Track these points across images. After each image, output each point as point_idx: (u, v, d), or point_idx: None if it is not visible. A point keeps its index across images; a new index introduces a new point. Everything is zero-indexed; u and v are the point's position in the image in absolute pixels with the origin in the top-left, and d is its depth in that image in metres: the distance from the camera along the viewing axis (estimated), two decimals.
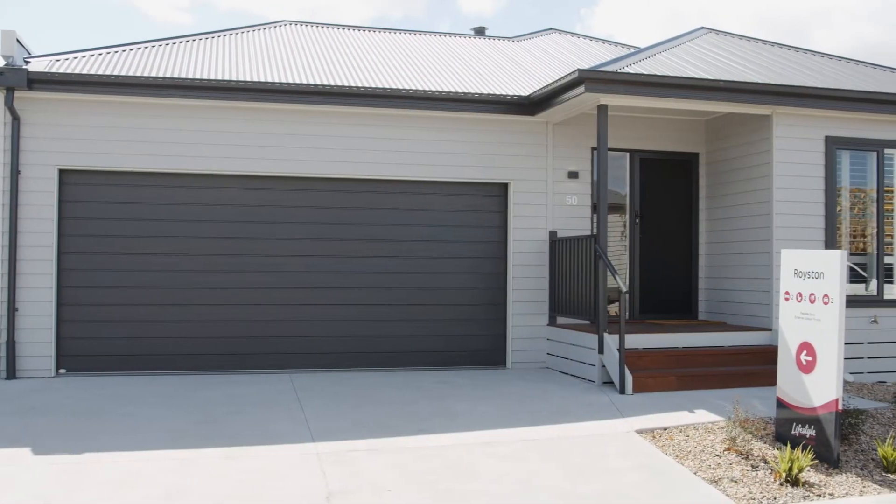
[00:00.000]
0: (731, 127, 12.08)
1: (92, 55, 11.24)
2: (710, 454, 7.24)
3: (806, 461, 6.63)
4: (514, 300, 11.68)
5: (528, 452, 7.24)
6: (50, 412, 8.35)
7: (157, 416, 8.23)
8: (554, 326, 11.53)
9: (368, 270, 11.36)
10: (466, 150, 11.58)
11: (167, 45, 12.19)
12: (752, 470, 6.87)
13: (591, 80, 10.11)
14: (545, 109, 11.27)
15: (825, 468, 6.95)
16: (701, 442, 7.56)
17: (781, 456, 6.70)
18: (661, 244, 12.60)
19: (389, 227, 11.45)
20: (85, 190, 10.61)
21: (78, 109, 10.49)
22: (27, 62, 10.50)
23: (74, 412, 8.36)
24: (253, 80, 10.75)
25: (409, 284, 11.49)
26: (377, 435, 7.64)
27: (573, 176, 11.90)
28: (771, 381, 9.21)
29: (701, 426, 8.01)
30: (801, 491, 6.45)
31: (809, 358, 7.26)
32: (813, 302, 7.27)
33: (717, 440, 7.57)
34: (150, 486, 6.15)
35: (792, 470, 6.55)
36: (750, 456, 7.17)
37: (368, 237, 11.38)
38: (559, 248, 11.43)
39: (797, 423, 7.34)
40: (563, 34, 16.77)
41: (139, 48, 11.79)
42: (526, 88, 11.93)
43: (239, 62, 11.68)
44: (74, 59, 10.97)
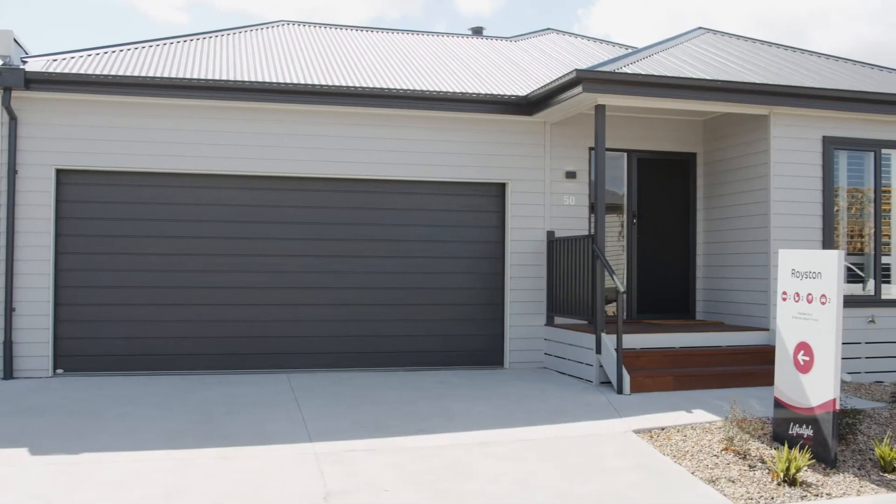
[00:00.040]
0: (728, 127, 12.09)
1: (89, 55, 11.23)
2: (707, 454, 7.25)
3: (803, 461, 6.63)
4: (511, 300, 11.69)
5: (525, 452, 7.24)
6: (47, 412, 8.34)
7: (155, 416, 8.23)
8: (551, 326, 11.53)
9: (366, 270, 11.36)
10: (464, 150, 11.58)
11: (165, 44, 12.18)
12: (749, 470, 6.88)
13: (588, 80, 10.12)
14: (543, 109, 11.27)
15: (823, 468, 6.96)
16: (698, 442, 7.56)
17: (779, 456, 6.71)
18: (658, 244, 12.61)
19: (387, 227, 11.46)
20: (82, 190, 10.60)
21: (75, 109, 10.48)
22: (24, 62, 10.49)
23: (72, 412, 8.35)
24: (251, 80, 10.75)
25: (406, 284, 11.49)
26: (375, 435, 7.64)
27: (571, 176, 11.90)
28: (768, 381, 9.23)
29: (698, 426, 8.02)
30: (798, 491, 6.45)
31: (807, 358, 7.27)
32: (810, 302, 7.28)
33: (714, 440, 7.58)
34: (148, 485, 6.15)
35: (789, 470, 6.56)
36: (747, 456, 7.18)
37: (366, 237, 11.38)
38: (557, 248, 11.43)
39: (795, 422, 7.35)
40: (560, 34, 16.78)
41: (137, 48, 11.78)
42: (524, 88, 11.93)
43: (237, 62, 11.68)
44: (72, 58, 10.96)
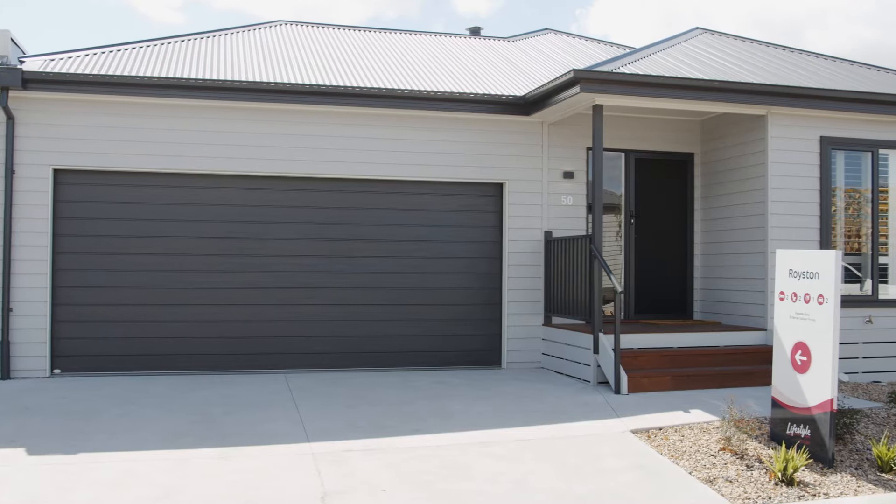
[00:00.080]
0: (726, 127, 12.09)
1: (87, 55, 11.22)
2: (705, 454, 7.25)
3: (801, 461, 6.64)
4: (509, 300, 11.69)
5: (523, 452, 7.24)
6: (44, 412, 8.33)
7: (152, 416, 8.22)
8: (549, 326, 11.53)
9: (364, 270, 11.36)
10: (462, 150, 11.58)
11: (162, 44, 12.17)
12: (747, 470, 6.88)
13: (586, 80, 10.12)
14: (540, 109, 11.27)
15: (820, 468, 6.97)
16: (696, 442, 7.56)
17: (776, 456, 6.71)
18: (656, 244, 12.61)
19: (385, 227, 11.45)
20: (80, 190, 10.59)
21: (73, 109, 10.47)
22: (22, 62, 10.48)
23: (69, 412, 8.34)
24: (249, 79, 10.74)
25: (404, 284, 11.48)
26: (373, 435, 7.63)
27: (568, 176, 11.90)
28: (766, 380, 9.25)
29: (696, 426, 8.02)
30: (796, 490, 6.45)
31: (804, 358, 7.27)
32: (808, 302, 7.28)
33: (712, 440, 7.58)
34: (145, 485, 6.14)
35: (787, 470, 6.56)
36: (745, 456, 7.18)
37: (364, 237, 11.37)
38: (554, 248, 11.43)
39: (792, 422, 7.35)
40: (558, 34, 16.78)
41: (134, 48, 11.77)
42: (521, 88, 11.94)
43: (234, 62, 11.67)
44: (69, 58, 10.95)
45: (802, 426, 7.24)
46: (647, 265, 12.54)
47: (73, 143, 10.45)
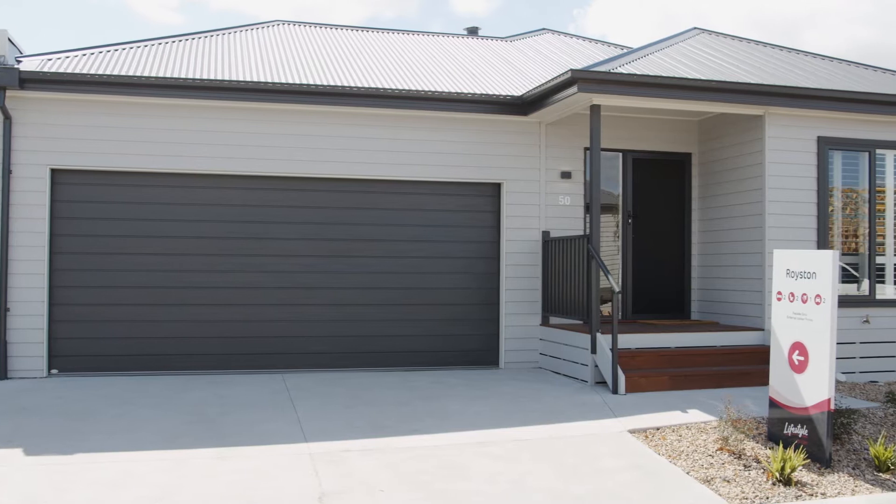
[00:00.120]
0: (723, 127, 12.10)
1: (84, 55, 11.20)
2: (702, 454, 7.25)
3: (798, 461, 6.64)
4: (507, 300, 11.69)
5: (520, 452, 7.24)
6: (42, 412, 8.32)
7: (149, 416, 8.21)
8: (547, 326, 11.53)
9: (363, 270, 11.35)
10: (460, 150, 11.58)
11: (160, 44, 12.16)
12: (744, 469, 6.89)
13: (583, 80, 10.13)
14: (538, 109, 11.28)
15: (817, 468, 6.97)
16: (693, 442, 7.57)
17: (774, 455, 6.71)
18: (653, 244, 12.62)
19: (383, 226, 11.45)
20: (77, 190, 10.58)
21: (70, 109, 10.46)
22: (19, 61, 10.46)
23: (66, 412, 8.33)
24: (247, 79, 10.73)
25: (402, 284, 11.48)
26: (370, 435, 7.63)
27: (566, 176, 11.91)
28: (763, 380, 9.25)
29: (693, 426, 8.02)
30: (793, 490, 6.46)
31: (802, 358, 7.27)
32: (805, 302, 7.29)
33: (709, 440, 7.59)
34: (142, 486, 6.14)
35: (784, 469, 6.57)
36: (742, 456, 7.18)
37: (362, 237, 11.37)
38: (552, 248, 11.43)
39: (789, 422, 7.36)
40: (556, 34, 16.79)
41: (131, 48, 11.76)
42: (519, 88, 11.94)
43: (232, 62, 11.66)
44: (66, 58, 10.94)
45: (800, 426, 7.25)
46: (644, 265, 12.55)
47: (70, 142, 10.44)
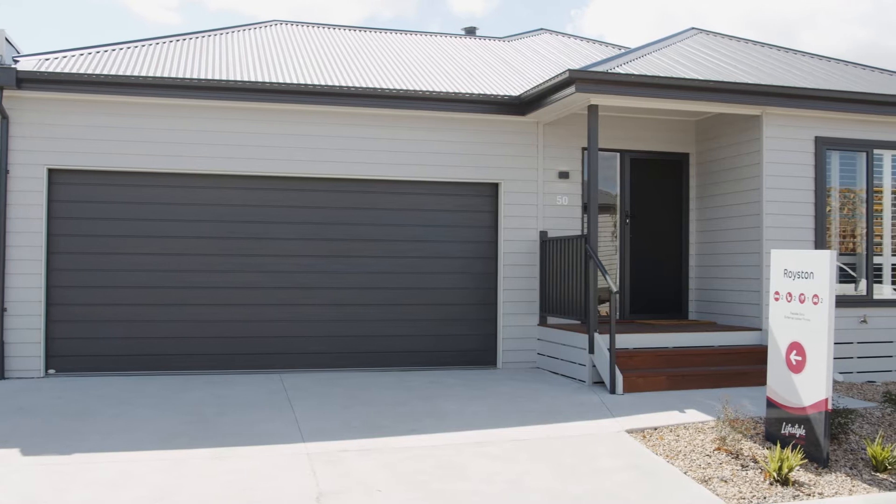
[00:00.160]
0: (721, 127, 12.11)
1: (81, 54, 11.19)
2: (700, 454, 7.25)
3: (796, 461, 6.65)
4: (504, 300, 11.69)
5: (518, 452, 7.24)
6: (39, 413, 8.31)
7: (147, 416, 8.20)
8: (544, 326, 11.54)
9: (361, 270, 11.35)
10: (457, 150, 11.58)
11: (157, 44, 12.15)
12: (742, 469, 6.89)
13: (581, 80, 10.13)
14: (536, 109, 11.28)
15: (815, 468, 6.98)
16: (691, 442, 7.57)
17: (771, 455, 6.72)
18: (651, 244, 12.63)
19: (381, 227, 11.45)
20: (75, 190, 10.57)
21: (67, 109, 10.44)
22: (16, 61, 10.45)
23: (64, 413, 8.32)
24: (244, 79, 10.72)
25: (400, 284, 11.48)
26: (368, 435, 7.63)
27: (564, 176, 11.91)
28: (761, 380, 9.25)
29: (691, 426, 8.03)
30: (790, 490, 6.47)
31: (799, 358, 7.28)
32: (802, 302, 7.29)
33: (707, 440, 7.59)
34: (140, 486, 6.13)
35: (782, 469, 6.57)
36: (740, 455, 7.19)
37: (361, 237, 11.37)
38: (550, 248, 11.43)
39: (787, 422, 7.36)
40: (553, 34, 16.79)
41: (129, 47, 11.75)
42: (517, 88, 11.94)
43: (231, 62, 11.65)
44: (64, 58, 10.92)
45: (797, 426, 7.26)
46: (642, 265, 12.55)
47: (68, 142, 10.42)
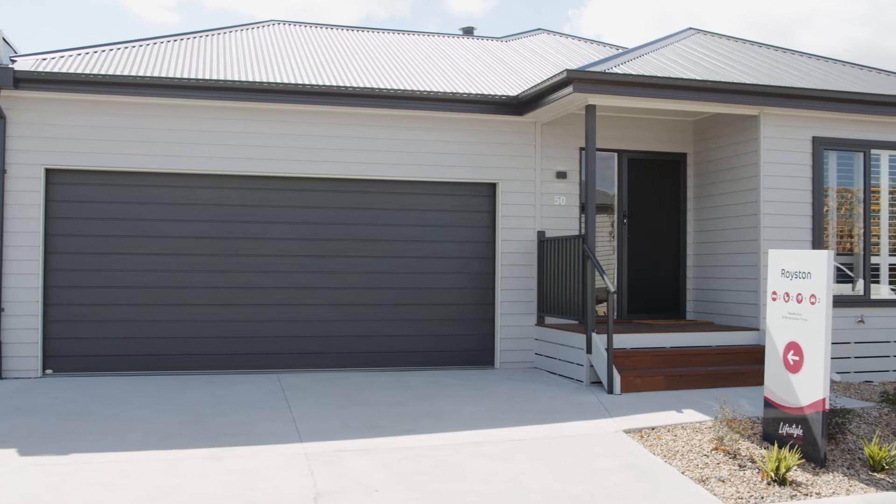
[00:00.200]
0: (718, 127, 12.12)
1: (79, 54, 11.18)
2: (697, 454, 7.26)
3: (793, 460, 6.65)
4: (502, 300, 11.69)
5: (516, 452, 7.24)
6: (36, 413, 8.30)
7: (144, 416, 8.20)
8: (542, 326, 11.54)
9: (359, 270, 11.34)
10: (455, 150, 11.58)
11: (155, 44, 12.14)
12: (739, 469, 6.90)
13: (579, 80, 10.13)
14: (533, 109, 11.28)
15: (812, 467, 6.99)
16: (689, 442, 7.58)
17: (769, 455, 6.72)
18: (649, 244, 12.63)
19: (380, 226, 11.44)
20: (72, 189, 10.55)
21: (65, 109, 10.43)
22: (13, 61, 10.43)
23: (61, 413, 8.31)
24: (243, 79, 10.71)
25: (398, 284, 11.48)
26: (366, 435, 7.63)
27: (561, 176, 11.91)
28: (758, 380, 9.25)
29: (689, 426, 8.03)
30: (788, 490, 6.47)
31: (796, 358, 7.29)
32: (800, 302, 7.30)
33: (704, 440, 7.60)
34: (137, 486, 6.13)
35: (779, 469, 6.58)
36: (737, 455, 7.19)
37: (359, 237, 11.36)
38: (547, 248, 11.44)
39: (784, 422, 7.37)
40: (551, 34, 16.79)
41: (127, 47, 11.74)
42: (514, 88, 11.94)
43: (228, 62, 11.64)
44: (61, 58, 10.91)
45: (795, 426, 7.26)
46: (640, 265, 12.56)
47: (65, 142, 10.41)
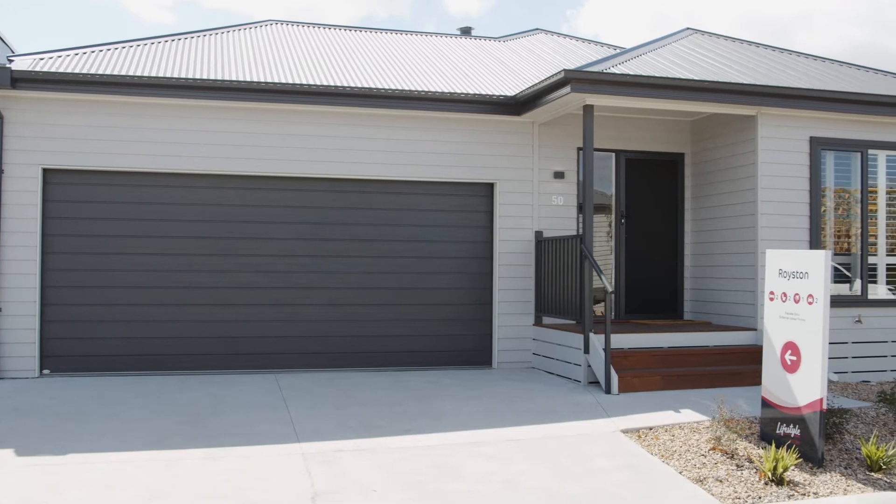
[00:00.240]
0: (716, 127, 12.12)
1: (76, 54, 11.16)
2: (695, 454, 7.26)
3: (790, 460, 6.66)
4: (500, 300, 11.69)
5: (514, 452, 7.24)
6: (34, 413, 8.29)
7: (141, 416, 8.19)
8: (540, 326, 11.54)
9: (356, 270, 11.34)
10: (453, 150, 11.58)
11: (153, 44, 12.12)
12: (737, 469, 6.90)
13: (576, 80, 10.13)
14: (531, 109, 11.28)
15: (810, 467, 6.99)
16: (686, 441, 7.58)
17: (766, 455, 6.73)
18: (646, 244, 12.63)
19: (377, 226, 11.43)
20: (70, 189, 10.54)
21: (62, 108, 10.42)
22: (11, 60, 10.42)
23: (58, 413, 8.30)
24: (241, 79, 10.70)
25: (396, 284, 11.47)
26: (363, 435, 7.62)
27: (559, 176, 11.91)
28: (756, 380, 9.27)
29: (686, 426, 8.03)
30: (785, 490, 6.48)
31: (794, 357, 7.29)
32: (797, 302, 7.31)
33: (702, 440, 7.60)
34: (134, 486, 6.12)
35: (777, 469, 6.59)
36: (735, 455, 7.20)
37: (357, 237, 11.35)
38: (545, 248, 11.44)
39: (782, 422, 7.37)
40: (549, 34, 16.80)
41: (124, 47, 11.72)
42: (512, 88, 11.94)
43: (227, 62, 11.63)
44: (59, 57, 10.89)
45: (792, 426, 7.27)
46: (637, 265, 12.56)
47: (63, 142, 10.40)
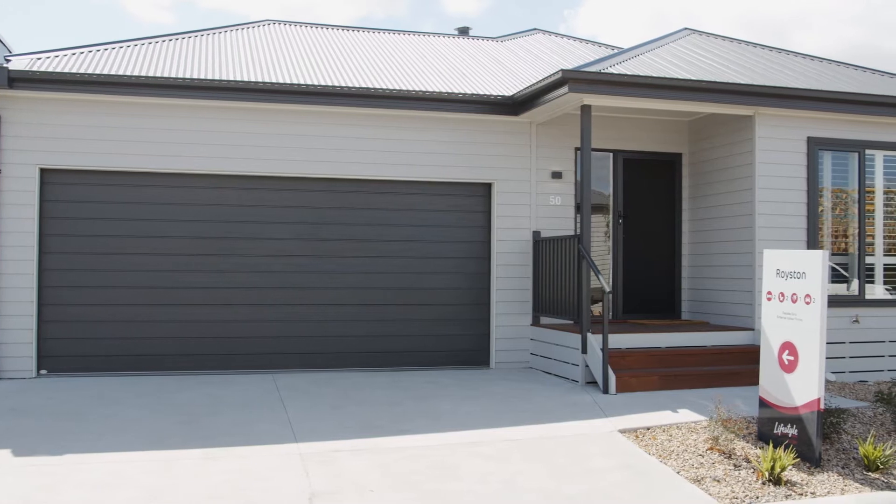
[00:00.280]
0: (713, 127, 12.13)
1: (74, 54, 11.15)
2: (692, 454, 7.27)
3: (788, 460, 6.66)
4: (497, 300, 11.69)
5: (512, 452, 7.24)
6: (31, 413, 8.28)
7: (139, 416, 8.18)
8: (537, 326, 11.54)
9: (355, 270, 11.33)
10: (451, 150, 11.58)
11: (151, 43, 12.11)
12: (734, 469, 6.90)
13: (574, 80, 10.13)
14: (529, 109, 11.28)
15: (807, 467, 6.99)
16: (684, 441, 7.58)
17: (764, 455, 6.73)
18: (644, 244, 12.64)
19: (375, 227, 11.43)
20: (67, 189, 10.53)
21: (60, 108, 10.41)
22: (8, 60, 10.40)
23: (56, 413, 8.29)
24: (239, 79, 10.70)
25: (394, 284, 11.47)
26: (361, 435, 7.62)
27: (557, 176, 11.91)
28: (754, 380, 9.27)
29: (684, 426, 8.04)
30: (783, 490, 6.48)
31: (791, 357, 7.30)
32: (795, 302, 7.31)
33: (699, 440, 7.60)
34: (132, 487, 6.11)
35: (774, 469, 6.59)
36: (733, 455, 7.20)
37: (355, 237, 11.35)
38: (543, 248, 11.44)
39: (779, 422, 7.38)
40: (547, 34, 16.80)
41: (122, 47, 11.71)
42: (510, 88, 11.94)
43: (225, 62, 11.63)
44: (56, 57, 10.88)
45: (790, 426, 7.27)
46: (635, 265, 12.57)
47: (60, 142, 10.39)
